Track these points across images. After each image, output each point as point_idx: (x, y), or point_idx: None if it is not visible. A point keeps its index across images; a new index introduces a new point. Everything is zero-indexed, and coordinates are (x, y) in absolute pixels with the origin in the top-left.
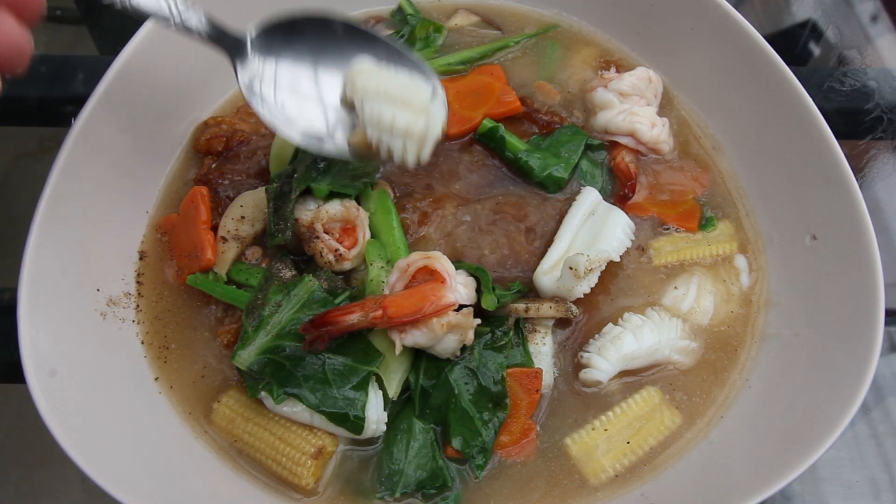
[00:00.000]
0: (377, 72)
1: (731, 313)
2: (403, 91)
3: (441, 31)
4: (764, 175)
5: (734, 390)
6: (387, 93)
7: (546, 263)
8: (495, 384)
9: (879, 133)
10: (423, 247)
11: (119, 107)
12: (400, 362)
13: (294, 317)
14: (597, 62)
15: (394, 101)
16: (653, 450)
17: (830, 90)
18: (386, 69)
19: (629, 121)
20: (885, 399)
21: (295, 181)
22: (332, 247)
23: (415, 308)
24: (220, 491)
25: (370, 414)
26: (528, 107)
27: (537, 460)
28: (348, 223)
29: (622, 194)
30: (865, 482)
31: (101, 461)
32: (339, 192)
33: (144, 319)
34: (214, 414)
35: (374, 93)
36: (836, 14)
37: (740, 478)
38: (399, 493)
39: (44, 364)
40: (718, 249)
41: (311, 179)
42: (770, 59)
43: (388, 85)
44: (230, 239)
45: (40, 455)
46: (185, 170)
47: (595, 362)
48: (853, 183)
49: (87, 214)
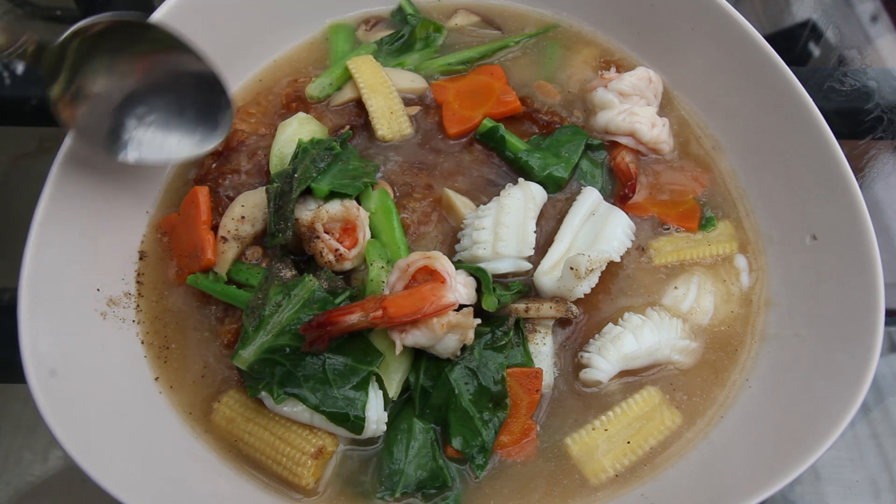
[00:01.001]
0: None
1: (731, 313)
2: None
3: (441, 31)
4: (764, 175)
5: (734, 390)
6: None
7: (546, 263)
8: (495, 384)
9: (879, 133)
10: (424, 246)
11: None
12: (400, 362)
13: (294, 317)
14: (597, 62)
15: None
16: (653, 450)
17: (830, 90)
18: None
19: (629, 121)
20: (885, 399)
21: (295, 181)
22: (333, 246)
23: (415, 308)
24: (220, 491)
25: (370, 414)
26: (529, 107)
27: (537, 460)
28: (348, 223)
29: (622, 194)
30: (865, 482)
31: (101, 461)
32: (339, 192)
33: (144, 319)
34: (214, 414)
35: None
36: (836, 14)
37: (740, 478)
38: (399, 493)
39: (44, 364)
40: (718, 249)
41: (312, 179)
42: (770, 59)
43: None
44: (230, 239)
45: (40, 455)
46: (185, 170)
47: (595, 362)
48: (853, 183)
49: (87, 214)
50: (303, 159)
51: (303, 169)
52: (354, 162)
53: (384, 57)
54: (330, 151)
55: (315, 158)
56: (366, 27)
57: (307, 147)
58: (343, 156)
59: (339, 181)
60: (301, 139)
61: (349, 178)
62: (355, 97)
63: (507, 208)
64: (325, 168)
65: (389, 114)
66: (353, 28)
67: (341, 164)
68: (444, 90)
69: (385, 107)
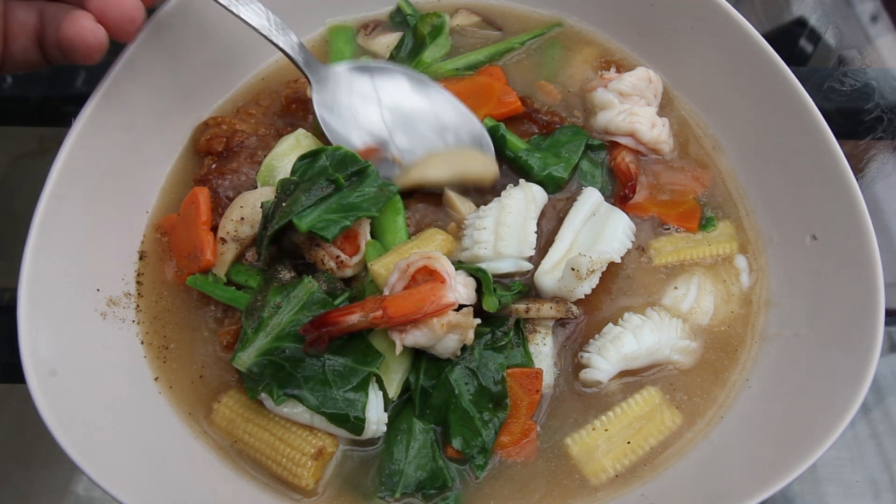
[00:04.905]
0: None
1: (731, 313)
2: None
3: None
4: (764, 175)
5: (734, 390)
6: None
7: (547, 263)
8: (495, 384)
9: (879, 133)
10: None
11: (119, 107)
12: (400, 363)
13: (294, 318)
14: (597, 62)
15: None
16: (653, 450)
17: (830, 90)
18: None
19: (629, 121)
20: (885, 399)
21: (280, 211)
22: (334, 254)
23: (415, 308)
24: (220, 491)
25: (370, 414)
26: (529, 107)
27: (537, 460)
28: (350, 231)
29: (622, 194)
30: (865, 482)
31: (101, 461)
32: (317, 233)
33: (144, 319)
34: (214, 414)
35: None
36: (836, 14)
37: (740, 478)
38: (399, 494)
39: (44, 364)
40: (718, 249)
41: (298, 212)
42: (770, 59)
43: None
44: (229, 240)
45: (40, 455)
46: (185, 170)
47: (595, 362)
48: (853, 183)
49: (87, 214)
50: (301, 180)
51: (291, 200)
52: (369, 186)
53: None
54: (331, 184)
55: (311, 189)
56: (365, 32)
57: (307, 169)
58: (349, 187)
59: (326, 217)
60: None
61: (342, 211)
62: None
63: (509, 208)
64: (318, 200)
65: None
66: (353, 31)
67: (341, 197)
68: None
69: None
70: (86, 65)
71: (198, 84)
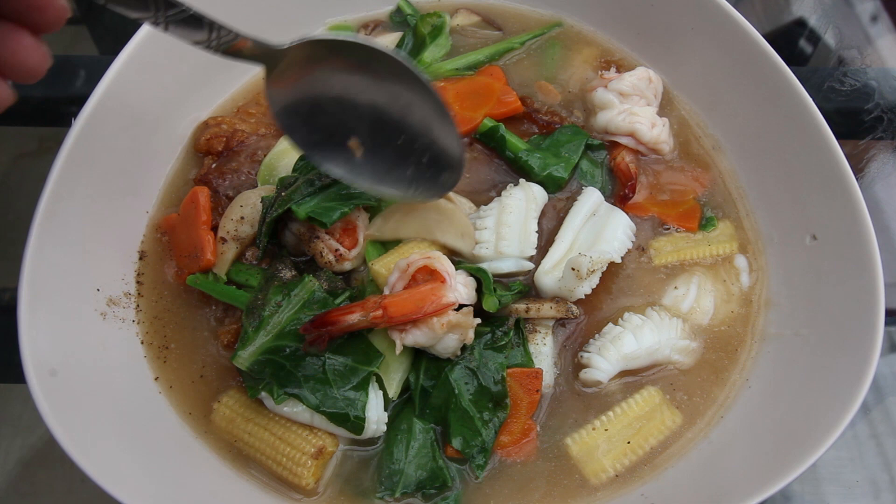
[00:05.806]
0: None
1: (731, 313)
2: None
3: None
4: (764, 175)
5: (734, 390)
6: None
7: (547, 263)
8: (495, 384)
9: (879, 133)
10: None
11: (119, 107)
12: (400, 362)
13: (294, 317)
14: (597, 62)
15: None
16: (653, 450)
17: (830, 90)
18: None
19: (629, 121)
20: (885, 399)
21: (280, 199)
22: (333, 247)
23: (415, 308)
24: (220, 491)
25: (370, 414)
26: (529, 107)
27: (537, 460)
28: (349, 223)
29: (622, 194)
30: (865, 482)
31: (101, 461)
32: (316, 218)
33: (144, 319)
34: (214, 414)
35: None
36: (836, 14)
37: (740, 478)
38: (399, 493)
39: (44, 364)
40: (718, 249)
41: (297, 200)
42: (770, 59)
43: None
44: (230, 240)
45: (40, 455)
46: (185, 170)
47: (595, 362)
48: (853, 183)
49: (87, 214)
50: (305, 170)
51: (292, 189)
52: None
53: None
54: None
55: (312, 179)
56: (365, 32)
57: (309, 168)
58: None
59: (325, 204)
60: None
61: (341, 199)
62: None
63: (509, 208)
64: (318, 189)
65: None
66: (353, 31)
67: (338, 186)
68: (445, 91)
69: None
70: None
71: (198, 84)
